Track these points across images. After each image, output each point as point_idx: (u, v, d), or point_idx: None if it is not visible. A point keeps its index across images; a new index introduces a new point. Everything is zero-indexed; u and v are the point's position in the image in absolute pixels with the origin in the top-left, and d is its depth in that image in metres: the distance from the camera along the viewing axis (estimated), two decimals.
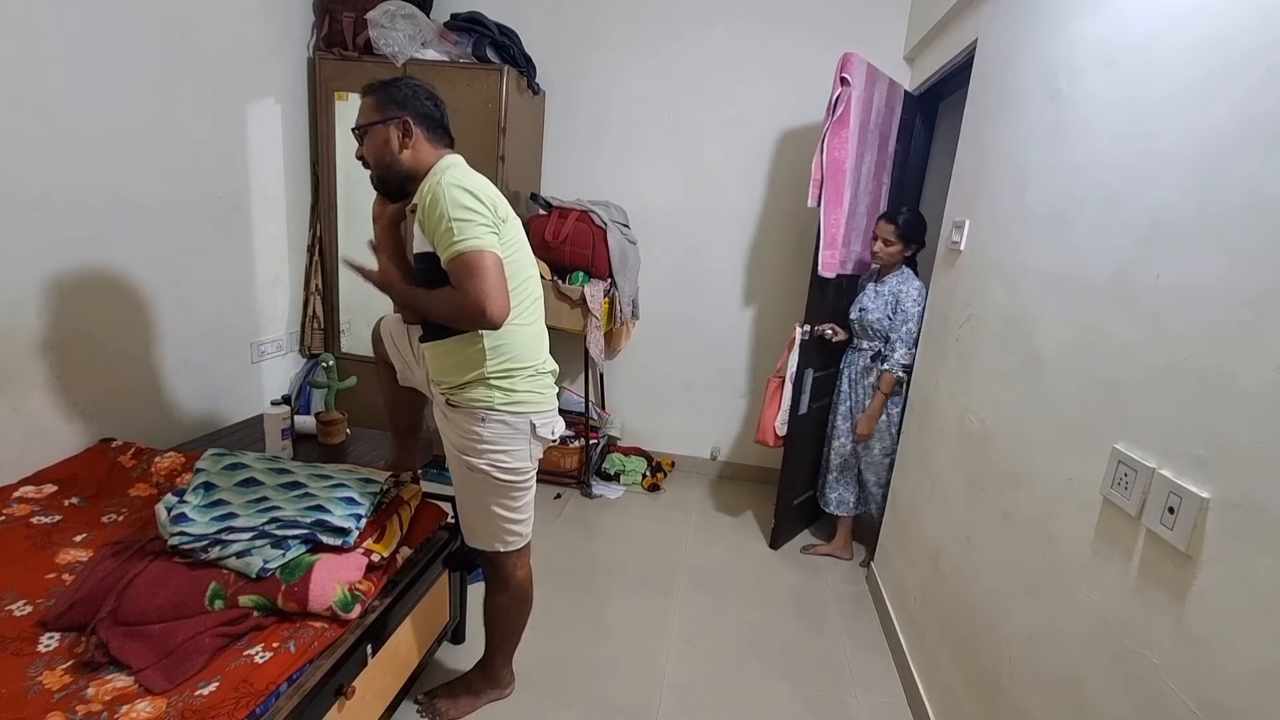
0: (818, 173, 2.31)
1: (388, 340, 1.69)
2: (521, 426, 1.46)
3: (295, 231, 2.75)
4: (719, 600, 2.35)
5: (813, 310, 2.52)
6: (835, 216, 2.34)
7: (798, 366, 2.52)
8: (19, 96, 1.64)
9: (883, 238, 2.36)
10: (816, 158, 2.30)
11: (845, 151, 2.29)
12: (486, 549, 1.56)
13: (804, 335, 2.51)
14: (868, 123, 2.41)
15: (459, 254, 1.27)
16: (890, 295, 2.37)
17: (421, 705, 1.70)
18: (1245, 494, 0.85)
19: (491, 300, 1.27)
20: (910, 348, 2.31)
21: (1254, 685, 0.82)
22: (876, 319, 2.40)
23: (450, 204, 1.28)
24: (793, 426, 2.58)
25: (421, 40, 2.61)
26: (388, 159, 1.40)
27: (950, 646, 1.70)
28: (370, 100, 1.40)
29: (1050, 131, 1.49)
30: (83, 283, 1.85)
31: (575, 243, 2.77)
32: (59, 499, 1.64)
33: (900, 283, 2.36)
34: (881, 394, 2.38)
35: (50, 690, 1.07)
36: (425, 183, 1.37)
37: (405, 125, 1.38)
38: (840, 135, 2.27)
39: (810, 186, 2.33)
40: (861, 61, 2.28)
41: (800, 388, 2.53)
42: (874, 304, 2.42)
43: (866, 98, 2.35)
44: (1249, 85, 0.92)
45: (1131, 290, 1.12)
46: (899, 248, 2.35)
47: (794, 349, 2.52)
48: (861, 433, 2.46)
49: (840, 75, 2.23)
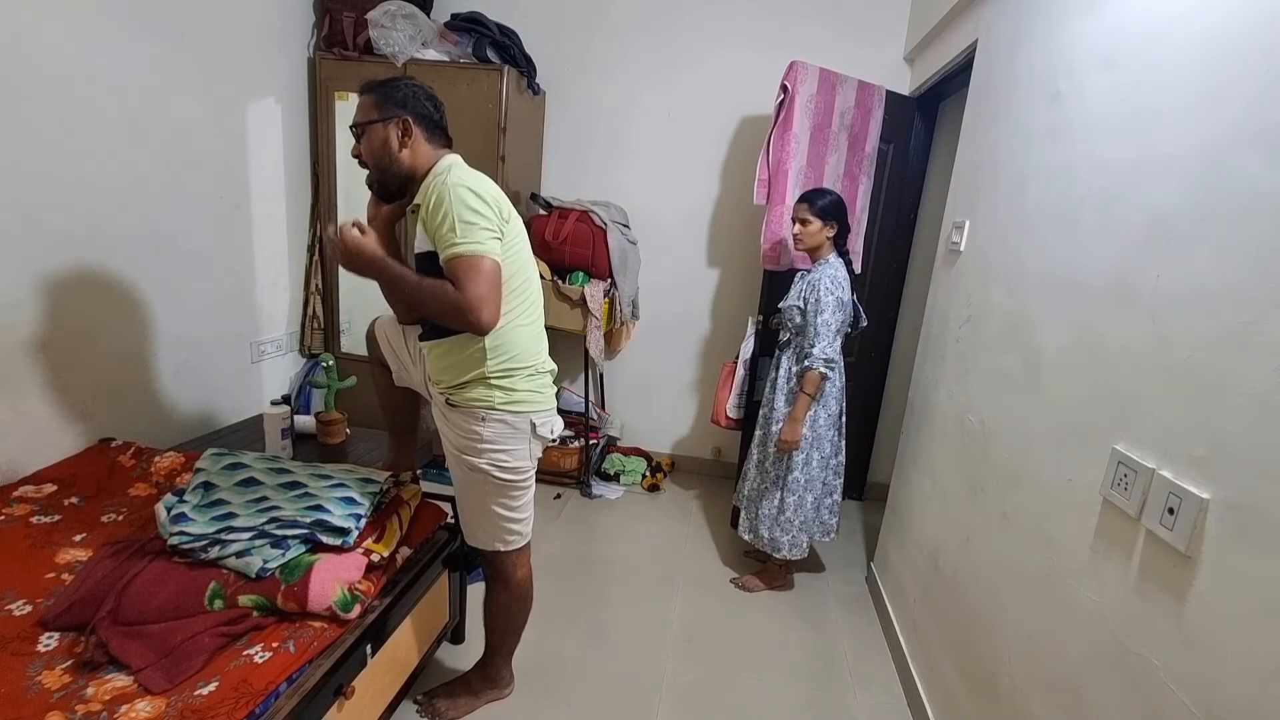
0: (764, 173, 2.50)
1: (383, 341, 1.68)
2: (521, 426, 1.46)
3: (295, 231, 2.75)
4: (719, 600, 2.35)
5: (765, 302, 2.62)
6: (778, 214, 2.49)
7: (753, 353, 2.59)
8: (19, 97, 1.64)
9: (799, 217, 2.18)
10: (762, 159, 2.49)
11: (789, 153, 2.46)
12: (486, 548, 1.56)
13: (757, 325, 2.61)
14: (827, 125, 2.54)
15: (459, 255, 1.27)
16: (808, 285, 2.16)
17: (421, 705, 1.70)
18: (1245, 495, 0.85)
19: (485, 306, 1.27)
20: (832, 340, 2.07)
21: (1254, 686, 0.82)
22: (786, 307, 2.22)
23: (456, 203, 1.28)
24: (750, 411, 2.63)
25: (422, 40, 2.61)
26: (386, 159, 1.39)
27: (950, 646, 1.70)
28: (369, 99, 1.39)
29: (1050, 132, 1.49)
30: (82, 282, 1.85)
31: (575, 243, 2.77)
32: (58, 498, 1.64)
33: (821, 271, 2.14)
34: (805, 394, 2.11)
35: (50, 690, 1.07)
36: (428, 181, 1.36)
37: (405, 125, 1.38)
38: (784, 138, 2.45)
39: (756, 185, 2.53)
40: (811, 68, 2.43)
41: (757, 374, 2.59)
42: (792, 292, 2.23)
43: (823, 102, 2.49)
44: (1249, 86, 0.92)
45: (1131, 291, 1.12)
46: (817, 225, 2.15)
47: (749, 338, 2.62)
48: (785, 439, 2.16)
49: (782, 83, 2.41)
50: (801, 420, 2.15)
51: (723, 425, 2.68)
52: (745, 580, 2.45)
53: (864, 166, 2.68)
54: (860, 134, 2.62)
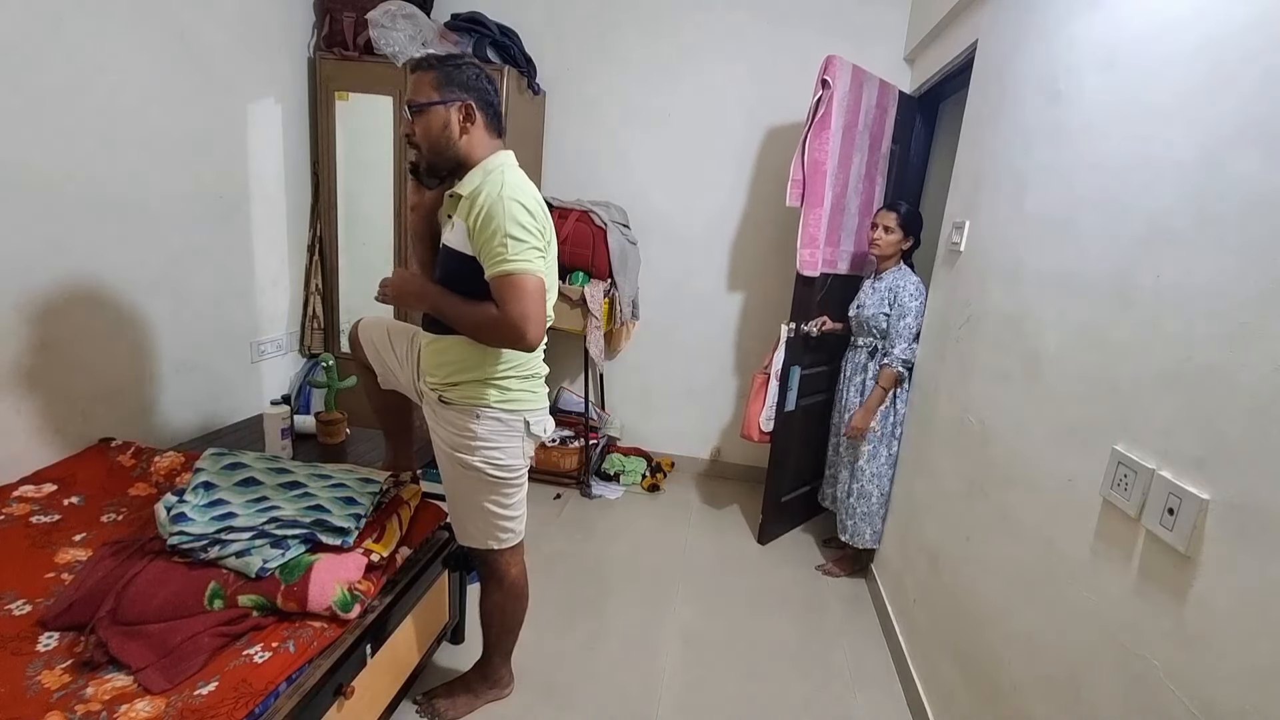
0: (798, 173, 2.37)
1: (368, 344, 1.66)
2: (515, 424, 1.46)
3: (295, 231, 2.75)
4: (719, 600, 2.35)
5: (798, 308, 2.53)
6: (815, 216, 2.38)
7: (784, 363, 2.53)
8: (18, 97, 1.64)
9: (884, 225, 2.34)
10: (797, 158, 2.36)
11: (826, 153, 2.33)
12: (480, 547, 1.56)
13: (789, 333, 2.51)
14: (855, 124, 2.43)
15: (508, 274, 1.25)
16: (887, 291, 2.34)
17: (420, 705, 1.70)
18: (1245, 495, 0.85)
19: (532, 325, 1.27)
20: (910, 343, 2.27)
21: (1254, 686, 0.82)
22: (872, 315, 2.37)
23: (508, 219, 1.25)
24: (780, 423, 2.59)
25: (422, 40, 2.61)
26: (444, 143, 1.34)
27: (950, 647, 1.70)
28: (430, 77, 1.31)
29: (1050, 132, 1.49)
30: (83, 282, 1.85)
31: (575, 243, 2.77)
32: (58, 498, 1.64)
33: (897, 278, 2.33)
34: (880, 388, 2.31)
35: (49, 689, 1.07)
36: (476, 178, 1.33)
37: (468, 110, 1.32)
38: (821, 137, 2.31)
39: (790, 186, 2.39)
40: (845, 64, 2.29)
41: (787, 384, 2.53)
42: (870, 300, 2.40)
43: (853, 100, 2.38)
44: (1249, 86, 0.92)
45: (1131, 291, 1.12)
46: (898, 236, 2.32)
47: (780, 346, 2.54)
48: (855, 425, 2.36)
49: (821, 78, 2.27)
50: (874, 411, 2.33)
51: (755, 440, 2.65)
52: (828, 566, 2.61)
53: (879, 167, 2.64)
54: (878, 134, 2.57)
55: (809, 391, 2.67)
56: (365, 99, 2.68)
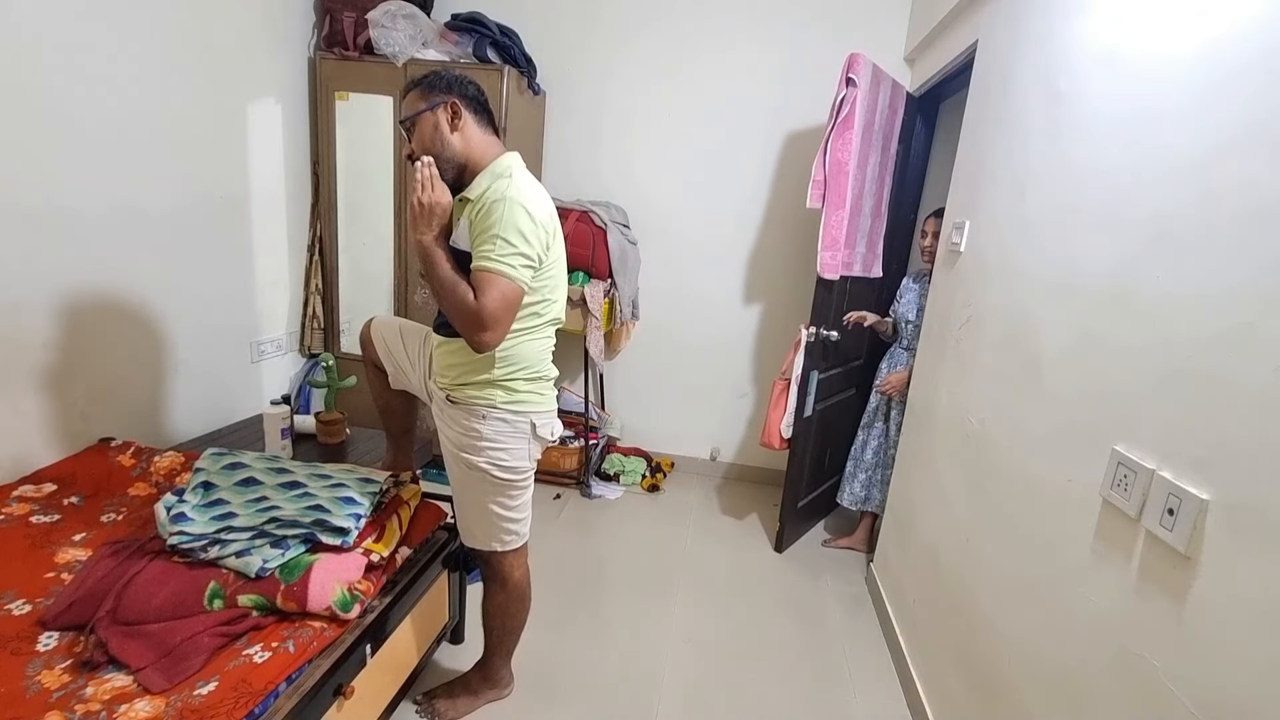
0: (820, 174, 2.29)
1: (379, 343, 1.67)
2: (521, 426, 1.46)
3: (295, 231, 2.75)
4: (718, 601, 2.35)
5: (818, 312, 2.48)
6: (837, 218, 2.32)
7: (803, 369, 2.49)
8: (18, 98, 1.64)
9: (933, 232, 2.35)
10: (819, 159, 2.29)
11: (849, 153, 2.27)
12: (484, 548, 1.56)
13: (810, 337, 2.47)
14: (872, 124, 2.39)
15: (490, 269, 1.27)
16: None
17: (420, 705, 1.70)
18: (1245, 495, 0.85)
19: (494, 326, 1.28)
20: None
21: (1254, 686, 0.82)
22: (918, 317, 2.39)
23: (507, 220, 1.27)
24: (799, 428, 2.56)
25: (422, 40, 2.61)
26: (438, 145, 1.37)
27: (950, 647, 1.70)
28: (414, 93, 1.39)
29: (1050, 133, 1.49)
30: (82, 282, 1.85)
31: (575, 243, 2.77)
32: (58, 498, 1.64)
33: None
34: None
35: (49, 689, 1.07)
36: (484, 181, 1.35)
37: (454, 107, 1.37)
38: (844, 137, 2.25)
39: (811, 187, 2.32)
40: (868, 62, 2.25)
41: (805, 390, 2.51)
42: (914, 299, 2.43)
43: (871, 100, 2.34)
44: (1250, 87, 0.92)
45: (1131, 291, 1.12)
46: None
47: (799, 351, 2.50)
48: (891, 380, 2.48)
49: (846, 76, 2.21)
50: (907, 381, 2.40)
51: (777, 448, 2.62)
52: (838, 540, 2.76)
53: (888, 168, 2.63)
54: (889, 135, 2.56)
55: (825, 395, 2.66)
56: (365, 99, 2.68)
